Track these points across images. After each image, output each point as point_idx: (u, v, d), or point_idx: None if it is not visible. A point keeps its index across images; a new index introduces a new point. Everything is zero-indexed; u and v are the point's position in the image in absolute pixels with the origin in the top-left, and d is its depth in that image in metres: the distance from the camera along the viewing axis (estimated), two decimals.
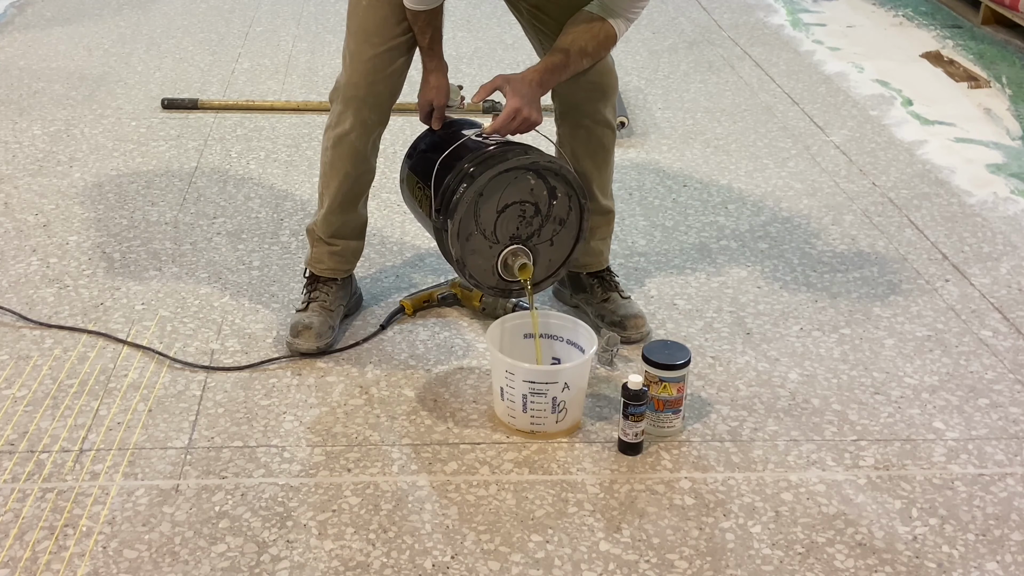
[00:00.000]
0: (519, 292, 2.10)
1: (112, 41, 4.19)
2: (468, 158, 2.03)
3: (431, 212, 2.07)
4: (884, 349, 2.33)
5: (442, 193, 2.02)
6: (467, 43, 4.29)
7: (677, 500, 1.87)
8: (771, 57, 4.24)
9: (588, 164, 2.26)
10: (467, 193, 1.97)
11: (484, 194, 1.98)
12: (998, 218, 2.95)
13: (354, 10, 2.14)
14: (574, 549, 1.75)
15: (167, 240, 2.70)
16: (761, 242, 2.77)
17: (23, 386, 2.13)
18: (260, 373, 2.18)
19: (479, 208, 1.99)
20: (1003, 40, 4.48)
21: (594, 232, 2.28)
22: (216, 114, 3.50)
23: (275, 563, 1.71)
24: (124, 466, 1.91)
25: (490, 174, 1.97)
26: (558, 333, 2.12)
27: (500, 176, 1.99)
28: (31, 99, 3.58)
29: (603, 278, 2.37)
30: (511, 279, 2.06)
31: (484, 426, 2.04)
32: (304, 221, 2.80)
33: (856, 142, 3.41)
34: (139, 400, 2.09)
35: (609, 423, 2.06)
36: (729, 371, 2.23)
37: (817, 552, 1.76)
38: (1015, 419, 2.11)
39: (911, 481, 1.93)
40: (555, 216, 2.06)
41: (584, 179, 2.19)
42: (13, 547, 1.72)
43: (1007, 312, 2.48)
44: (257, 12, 4.62)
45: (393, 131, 3.40)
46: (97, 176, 3.04)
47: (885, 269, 2.66)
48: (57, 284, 2.48)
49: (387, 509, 1.83)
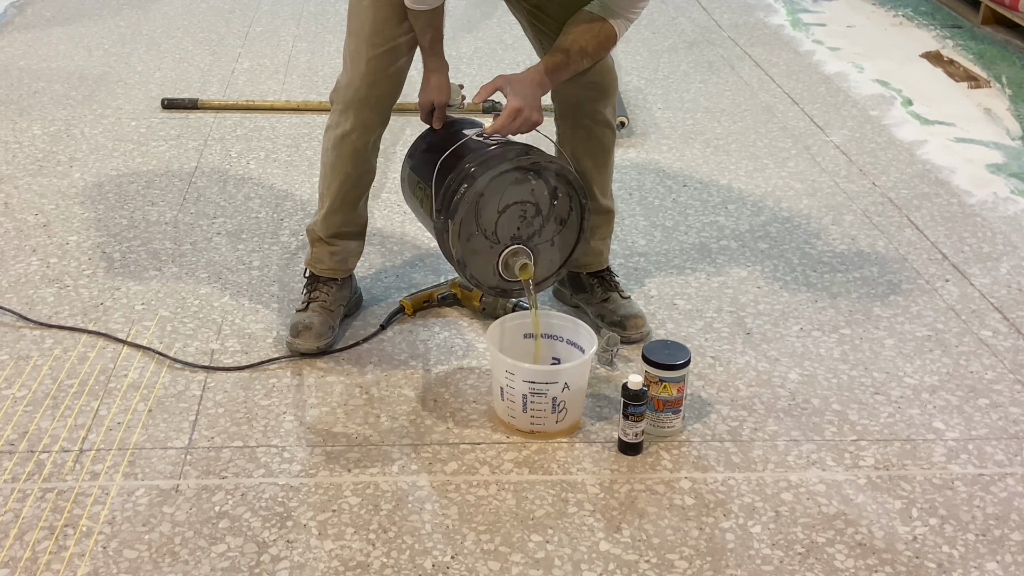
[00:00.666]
0: (519, 292, 2.10)
1: (112, 41, 4.19)
2: (469, 158, 2.03)
3: (432, 212, 2.07)
4: (884, 349, 2.33)
5: (443, 193, 2.02)
6: (467, 43, 4.29)
7: (677, 500, 1.87)
8: (771, 57, 4.24)
9: (588, 164, 2.26)
10: (468, 194, 1.97)
11: (485, 195, 1.98)
12: (998, 218, 2.95)
13: (355, 11, 2.14)
14: (574, 549, 1.75)
15: (167, 240, 2.70)
16: (761, 242, 2.77)
17: (23, 386, 2.13)
18: (260, 373, 2.18)
19: (480, 209, 1.99)
20: (1003, 40, 4.48)
21: (594, 232, 2.28)
22: (216, 114, 3.50)
23: (275, 563, 1.71)
24: (124, 466, 1.91)
25: (491, 175, 1.97)
26: (558, 333, 2.12)
27: (501, 176, 1.98)
28: (31, 99, 3.58)
29: (603, 278, 2.37)
30: (512, 279, 2.06)
31: (484, 426, 2.04)
32: (304, 221, 2.80)
33: (856, 142, 3.41)
34: (139, 400, 2.09)
35: (609, 423, 2.06)
36: (729, 371, 2.23)
37: (817, 552, 1.76)
38: (1015, 419, 2.11)
39: (911, 481, 1.93)
40: (556, 216, 2.06)
41: (584, 179, 2.19)
42: (13, 547, 1.72)
43: (1007, 312, 2.48)
44: (257, 12, 4.62)
45: (393, 131, 3.40)
46: (97, 176, 3.04)
47: (885, 269, 2.66)
48: (57, 284, 2.48)
49: (387, 509, 1.83)
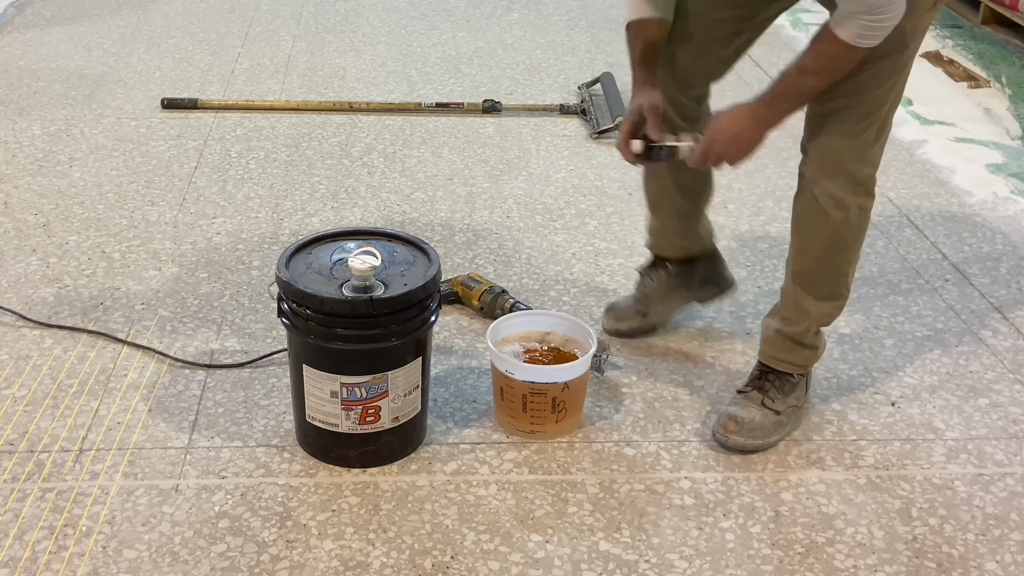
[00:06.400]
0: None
1: (112, 41, 4.18)
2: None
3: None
4: (884, 349, 2.33)
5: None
6: (467, 43, 4.29)
7: (677, 500, 1.87)
8: (771, 57, 4.23)
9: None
10: None
11: None
12: (998, 218, 2.95)
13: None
14: (574, 549, 1.75)
15: (167, 240, 2.70)
16: (761, 242, 2.77)
17: (23, 386, 2.13)
18: (260, 373, 2.18)
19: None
20: (1003, 40, 4.48)
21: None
22: (216, 114, 3.50)
23: (275, 563, 1.71)
24: (124, 466, 1.91)
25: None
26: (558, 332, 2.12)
27: None
28: (31, 99, 3.58)
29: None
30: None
31: (484, 426, 2.04)
32: (304, 221, 2.80)
33: None
34: (139, 400, 2.09)
35: (609, 423, 2.06)
36: (729, 371, 2.23)
37: (817, 552, 1.76)
38: (1015, 419, 2.11)
39: (911, 481, 1.93)
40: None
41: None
42: (13, 547, 1.72)
43: (1007, 312, 2.48)
44: (257, 12, 4.62)
45: (393, 131, 3.41)
46: (97, 176, 3.04)
47: (885, 269, 2.66)
48: (57, 284, 2.48)
49: (387, 509, 1.83)
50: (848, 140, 1.84)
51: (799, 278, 1.98)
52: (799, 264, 1.97)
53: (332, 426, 1.87)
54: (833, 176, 1.86)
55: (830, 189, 1.86)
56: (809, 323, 1.99)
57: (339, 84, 3.80)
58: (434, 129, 3.42)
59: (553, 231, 2.77)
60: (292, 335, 1.87)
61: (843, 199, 1.86)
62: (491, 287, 2.37)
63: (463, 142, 3.33)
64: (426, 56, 4.12)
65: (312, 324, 1.81)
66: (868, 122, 1.83)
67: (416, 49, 4.20)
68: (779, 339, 2.02)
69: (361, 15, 4.60)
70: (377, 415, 1.86)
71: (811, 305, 1.97)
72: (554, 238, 2.72)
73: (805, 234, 1.94)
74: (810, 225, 1.92)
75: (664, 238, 2.28)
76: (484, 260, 2.63)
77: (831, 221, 1.88)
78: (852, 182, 1.86)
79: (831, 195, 1.86)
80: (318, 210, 2.87)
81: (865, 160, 1.86)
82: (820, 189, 1.87)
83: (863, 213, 1.90)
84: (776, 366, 2.03)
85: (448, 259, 2.62)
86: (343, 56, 4.10)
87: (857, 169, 1.86)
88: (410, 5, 4.75)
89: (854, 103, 1.81)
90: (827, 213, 1.88)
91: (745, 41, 2.06)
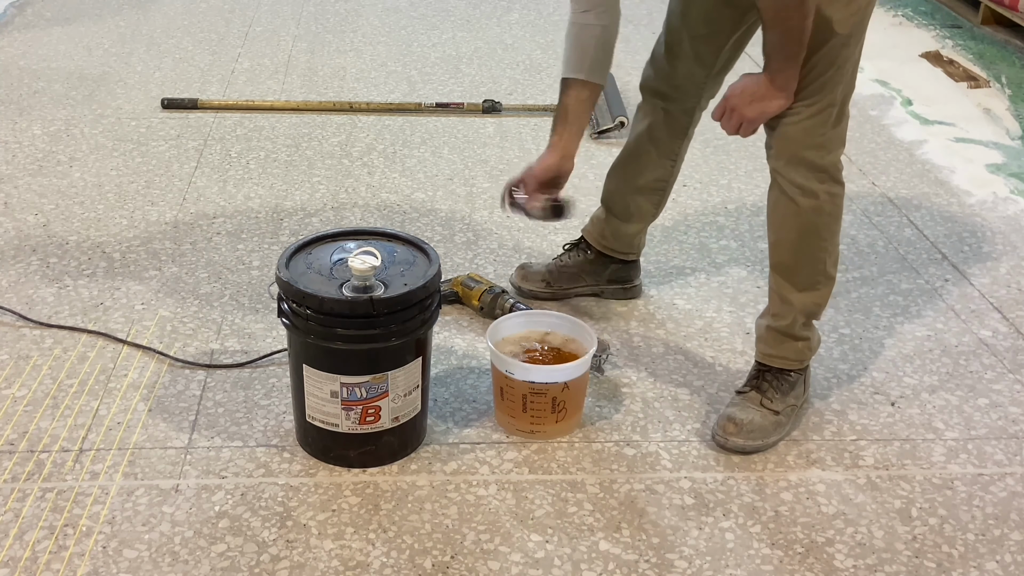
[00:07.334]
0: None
1: (112, 41, 4.18)
2: None
3: None
4: (884, 349, 2.33)
5: None
6: (467, 43, 4.29)
7: (677, 500, 1.87)
8: None
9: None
10: None
11: None
12: (998, 218, 2.95)
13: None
14: (574, 549, 1.75)
15: (167, 240, 2.70)
16: (761, 242, 2.77)
17: (23, 386, 2.13)
18: (260, 373, 2.18)
19: None
20: (1003, 40, 4.48)
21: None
22: (216, 114, 3.50)
23: (275, 563, 1.71)
24: (124, 466, 1.91)
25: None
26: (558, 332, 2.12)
27: None
28: (31, 99, 3.58)
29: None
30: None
31: (484, 426, 2.04)
32: (304, 220, 2.80)
33: (856, 142, 3.41)
34: (139, 400, 2.09)
35: (609, 423, 2.06)
36: (729, 371, 2.23)
37: (817, 552, 1.76)
38: (1015, 419, 2.11)
39: (911, 481, 1.93)
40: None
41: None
42: (13, 547, 1.72)
43: (1007, 312, 2.48)
44: (257, 12, 4.61)
45: (393, 131, 3.41)
46: (97, 176, 3.04)
47: (885, 269, 2.66)
48: (57, 284, 2.48)
49: (387, 509, 1.83)
50: (804, 129, 1.89)
51: (779, 270, 2.02)
52: (777, 256, 2.02)
53: (332, 426, 1.88)
54: (795, 165, 1.91)
55: (794, 178, 1.91)
56: (795, 314, 2.02)
57: (339, 84, 3.80)
58: (434, 129, 3.42)
59: (553, 231, 2.77)
60: (292, 335, 1.87)
61: (808, 187, 1.91)
62: (491, 287, 2.38)
63: (463, 142, 3.33)
64: (426, 56, 4.12)
65: (312, 324, 1.81)
66: (820, 108, 1.88)
67: (416, 49, 4.20)
68: (770, 334, 2.05)
69: (361, 15, 4.60)
70: (377, 415, 1.86)
71: (794, 296, 2.01)
72: (554, 238, 2.72)
73: (778, 226, 1.99)
74: (782, 216, 1.97)
75: (598, 230, 2.42)
76: (484, 260, 2.63)
77: (801, 210, 1.93)
78: (814, 169, 1.91)
79: (796, 184, 1.91)
80: (318, 210, 2.87)
81: (825, 147, 1.91)
82: (785, 180, 1.93)
83: (833, 199, 1.95)
84: (771, 363, 2.04)
85: (448, 259, 2.62)
86: (343, 56, 4.10)
87: (817, 156, 1.90)
88: (410, 5, 4.75)
89: (804, 95, 1.87)
90: (796, 202, 1.93)
91: (737, 43, 2.16)
